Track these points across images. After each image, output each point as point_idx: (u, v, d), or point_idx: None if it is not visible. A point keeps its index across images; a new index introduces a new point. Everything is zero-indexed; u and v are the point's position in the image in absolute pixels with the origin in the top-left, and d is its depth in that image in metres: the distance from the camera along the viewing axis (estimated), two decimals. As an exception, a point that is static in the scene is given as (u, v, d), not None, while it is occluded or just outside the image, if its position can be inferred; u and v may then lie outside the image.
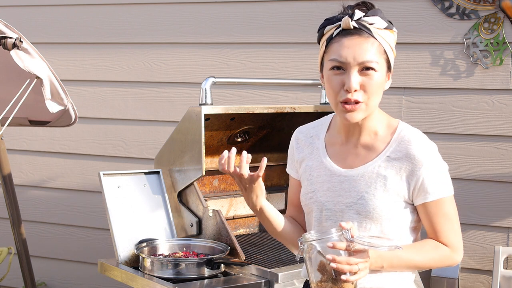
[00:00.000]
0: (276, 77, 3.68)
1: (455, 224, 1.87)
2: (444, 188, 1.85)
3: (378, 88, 1.79)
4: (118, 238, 2.55)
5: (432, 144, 1.87)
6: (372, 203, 1.81)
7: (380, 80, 1.79)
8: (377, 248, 1.72)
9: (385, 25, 1.80)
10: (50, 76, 2.73)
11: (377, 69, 1.78)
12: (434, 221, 1.85)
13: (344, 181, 1.86)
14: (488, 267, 3.44)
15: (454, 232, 1.86)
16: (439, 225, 1.85)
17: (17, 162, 4.30)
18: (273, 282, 2.35)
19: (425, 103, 3.50)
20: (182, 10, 3.92)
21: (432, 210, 1.85)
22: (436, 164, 1.84)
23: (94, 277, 4.23)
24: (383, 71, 1.81)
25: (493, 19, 3.34)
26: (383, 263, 1.76)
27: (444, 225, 1.85)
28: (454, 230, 1.86)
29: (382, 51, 1.80)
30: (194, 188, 2.74)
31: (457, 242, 1.87)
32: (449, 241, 1.85)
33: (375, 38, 1.78)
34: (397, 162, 1.82)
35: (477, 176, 3.44)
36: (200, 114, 2.62)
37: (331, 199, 1.87)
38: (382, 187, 1.81)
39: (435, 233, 1.86)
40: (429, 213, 1.85)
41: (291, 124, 3.16)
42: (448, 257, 1.86)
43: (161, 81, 3.99)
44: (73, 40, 4.16)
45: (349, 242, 1.68)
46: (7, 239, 4.23)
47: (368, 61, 1.76)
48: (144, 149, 4.04)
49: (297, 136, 2.03)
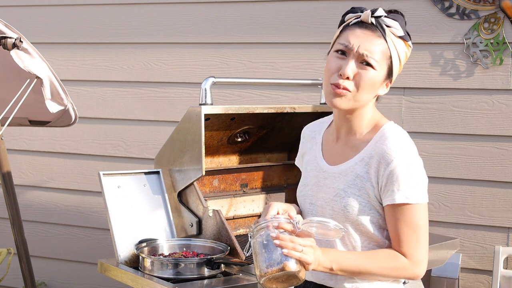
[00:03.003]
0: (276, 77, 3.68)
1: (420, 235, 1.78)
2: (413, 194, 1.77)
3: (370, 85, 1.80)
4: (118, 238, 2.55)
5: (409, 145, 1.81)
6: (345, 201, 1.82)
7: (374, 78, 1.80)
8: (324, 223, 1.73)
9: (401, 34, 1.82)
10: (50, 76, 2.73)
11: (375, 67, 1.79)
12: (397, 227, 1.78)
13: (327, 177, 1.89)
14: (488, 267, 3.44)
15: (417, 244, 1.78)
16: (401, 232, 1.78)
17: (17, 162, 4.31)
18: (273, 282, 2.34)
19: (425, 103, 3.50)
20: (182, 10, 3.93)
21: (396, 214, 1.78)
22: (407, 164, 1.77)
23: (94, 277, 4.23)
24: (381, 74, 1.82)
25: (493, 19, 3.34)
26: (332, 264, 1.75)
27: (406, 234, 1.77)
28: (417, 241, 1.78)
29: (388, 55, 1.81)
30: (194, 188, 2.74)
31: (418, 254, 1.78)
32: (410, 252, 1.78)
33: (386, 40, 1.80)
34: (371, 160, 1.81)
35: (477, 176, 3.44)
36: (200, 114, 2.62)
37: (315, 194, 1.91)
38: (356, 186, 1.82)
39: (396, 241, 1.79)
40: (393, 217, 1.79)
41: (291, 124, 3.16)
42: (405, 269, 1.78)
43: (161, 81, 3.99)
44: (73, 40, 4.16)
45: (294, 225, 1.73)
46: (7, 239, 4.23)
47: (369, 54, 1.78)
48: (144, 149, 4.04)
49: (304, 131, 2.09)
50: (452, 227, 3.49)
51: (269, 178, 3.23)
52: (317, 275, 1.91)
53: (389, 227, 1.80)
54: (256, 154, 3.23)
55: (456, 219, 3.49)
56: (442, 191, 3.51)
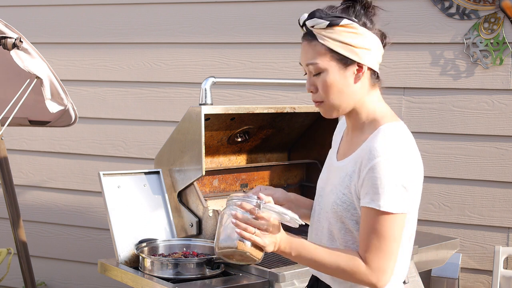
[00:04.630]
0: (276, 77, 3.68)
1: (384, 245, 1.68)
2: (386, 201, 1.67)
3: (331, 87, 1.78)
4: (118, 238, 2.55)
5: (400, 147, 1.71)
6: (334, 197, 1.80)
7: (331, 78, 1.77)
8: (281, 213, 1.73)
9: (326, 24, 1.76)
10: (50, 76, 2.73)
11: (323, 69, 1.77)
12: (364, 230, 1.71)
13: (332, 171, 1.90)
14: (488, 267, 3.44)
15: (379, 252, 1.69)
16: (366, 237, 1.70)
17: (17, 162, 4.31)
18: (273, 282, 2.34)
19: (425, 103, 3.50)
20: (182, 10, 3.93)
21: (365, 217, 1.71)
22: (388, 166, 1.68)
23: (94, 277, 4.23)
24: (335, 70, 1.77)
25: (493, 19, 3.34)
26: (291, 250, 1.75)
27: (371, 240, 1.69)
28: (380, 250, 1.69)
29: (325, 50, 1.77)
30: (194, 188, 2.74)
31: (378, 263, 1.69)
32: (369, 258, 1.69)
33: (318, 40, 1.77)
34: (359, 159, 1.75)
35: (477, 176, 3.44)
36: (200, 114, 2.62)
37: (324, 186, 1.91)
38: (344, 185, 1.78)
39: (361, 244, 1.72)
40: (363, 220, 1.71)
41: (291, 124, 3.16)
42: (360, 274, 1.70)
43: (161, 81, 3.99)
44: (73, 40, 4.16)
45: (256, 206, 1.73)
46: (7, 239, 4.23)
47: (309, 64, 1.79)
48: (144, 149, 4.04)
49: (338, 124, 2.06)
50: (452, 227, 3.49)
51: (269, 178, 3.23)
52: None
53: (360, 228, 1.75)
54: (256, 154, 3.23)
55: (456, 219, 3.49)
56: (442, 191, 3.51)
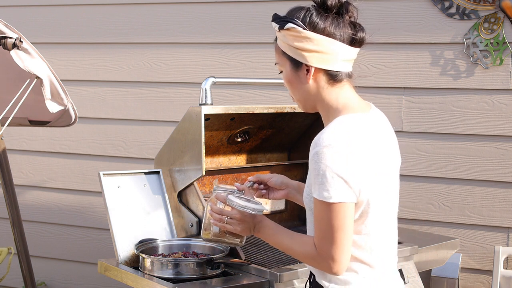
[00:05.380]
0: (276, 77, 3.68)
1: (328, 233, 1.76)
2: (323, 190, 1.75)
3: (289, 84, 1.94)
4: (118, 238, 2.55)
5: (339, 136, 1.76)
6: (305, 193, 1.90)
7: (287, 78, 1.93)
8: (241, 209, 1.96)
9: (277, 26, 1.91)
10: (50, 76, 2.73)
11: (282, 68, 1.94)
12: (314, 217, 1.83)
13: None
14: (488, 267, 3.44)
15: (325, 241, 1.77)
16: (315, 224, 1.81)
17: (17, 162, 4.31)
18: (273, 282, 2.34)
19: (425, 103, 3.50)
20: (182, 10, 3.93)
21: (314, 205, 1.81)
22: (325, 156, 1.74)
23: (94, 277, 4.23)
24: (287, 69, 1.92)
25: (493, 19, 3.34)
26: (262, 234, 1.96)
27: (317, 227, 1.80)
28: (325, 238, 1.77)
29: (281, 52, 1.93)
30: (194, 188, 2.74)
31: (325, 250, 1.78)
32: (318, 246, 1.80)
33: (276, 41, 1.95)
34: None
35: (477, 176, 3.44)
36: (200, 114, 2.62)
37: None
38: (309, 180, 1.86)
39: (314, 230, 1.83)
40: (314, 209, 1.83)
41: (291, 124, 3.16)
42: (312, 258, 1.83)
43: (161, 81, 4.00)
44: (73, 40, 4.16)
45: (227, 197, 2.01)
46: (7, 239, 4.23)
47: (275, 63, 1.96)
48: (144, 149, 4.04)
49: None
50: (452, 227, 3.49)
51: (269, 178, 3.23)
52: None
53: None
54: (256, 154, 3.23)
55: (456, 219, 3.49)
56: (442, 191, 3.51)
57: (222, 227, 2.00)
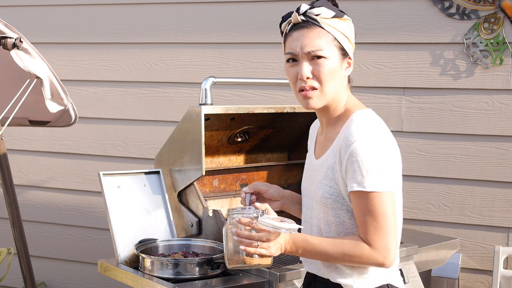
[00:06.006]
0: (276, 77, 3.68)
1: (381, 223, 1.76)
2: (370, 182, 1.76)
3: (330, 74, 1.85)
4: (118, 238, 2.55)
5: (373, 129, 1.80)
6: (321, 193, 1.87)
7: (331, 66, 1.85)
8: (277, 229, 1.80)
9: (333, 14, 1.86)
10: (50, 76, 2.73)
11: (326, 56, 1.84)
12: (358, 214, 1.79)
13: (313, 170, 1.96)
14: (488, 267, 3.44)
15: (378, 231, 1.77)
16: (363, 220, 1.78)
17: (17, 162, 4.31)
18: (273, 282, 2.34)
19: (425, 103, 3.50)
20: (182, 10, 3.93)
21: (356, 201, 1.79)
22: (366, 149, 1.76)
23: (94, 277, 4.23)
24: (336, 58, 1.86)
25: (493, 19, 3.34)
26: (297, 249, 1.85)
27: (367, 221, 1.77)
28: (378, 229, 1.77)
29: (331, 39, 1.85)
30: (194, 188, 2.74)
31: (380, 242, 1.77)
32: (371, 239, 1.77)
33: (323, 28, 1.85)
34: (337, 149, 1.83)
35: (477, 176, 3.44)
36: (200, 114, 2.62)
37: (307, 186, 1.99)
38: (328, 178, 1.86)
39: (360, 228, 1.80)
40: (355, 205, 1.80)
41: (291, 124, 3.16)
42: (367, 257, 1.78)
43: (161, 81, 3.99)
44: (73, 40, 4.16)
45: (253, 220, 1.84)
46: (7, 239, 4.23)
47: (314, 50, 1.84)
48: (144, 149, 4.04)
49: (311, 127, 2.16)
50: (452, 227, 3.49)
51: (269, 178, 3.23)
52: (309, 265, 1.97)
53: (354, 214, 1.82)
54: (256, 154, 3.22)
55: (456, 219, 3.49)
56: (442, 191, 3.51)
57: (255, 252, 1.84)
